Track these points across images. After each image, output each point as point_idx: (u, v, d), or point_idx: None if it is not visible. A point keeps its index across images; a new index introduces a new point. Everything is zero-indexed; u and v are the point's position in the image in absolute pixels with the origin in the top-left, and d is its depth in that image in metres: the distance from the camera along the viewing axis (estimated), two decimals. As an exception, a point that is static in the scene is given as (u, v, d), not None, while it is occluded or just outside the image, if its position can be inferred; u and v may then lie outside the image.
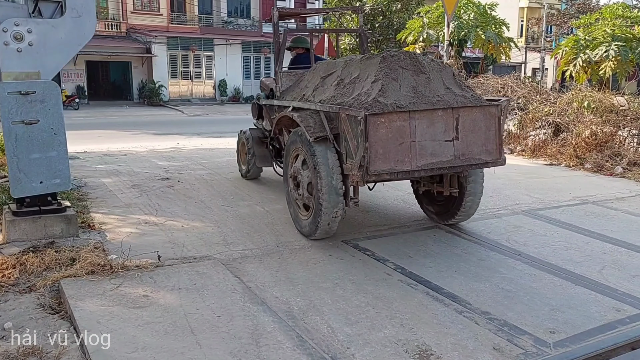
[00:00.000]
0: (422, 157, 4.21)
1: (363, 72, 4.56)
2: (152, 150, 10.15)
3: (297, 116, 4.75)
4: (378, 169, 4.08)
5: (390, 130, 4.08)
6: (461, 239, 5.01)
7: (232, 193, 6.42)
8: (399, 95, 4.23)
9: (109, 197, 5.98)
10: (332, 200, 4.43)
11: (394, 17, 17.05)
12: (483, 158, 4.45)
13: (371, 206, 5.96)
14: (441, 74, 4.53)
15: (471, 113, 4.37)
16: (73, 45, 4.33)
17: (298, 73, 5.98)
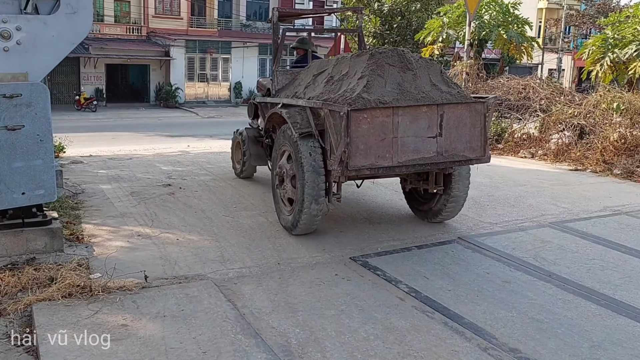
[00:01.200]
0: (404, 153, 4.20)
1: (352, 69, 4.58)
2: (158, 153, 9.83)
3: (285, 113, 4.75)
4: (358, 164, 4.08)
5: (372, 125, 4.07)
6: (482, 256, 4.53)
7: (235, 201, 6.02)
8: (384, 91, 4.22)
9: (104, 206, 5.63)
10: (314, 196, 4.43)
11: (412, 18, 16.51)
12: (467, 155, 4.43)
13: (382, 217, 5.50)
14: (428, 70, 4.51)
15: (456, 110, 4.34)
16: (66, 44, 3.96)
17: (294, 72, 6.00)
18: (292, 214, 4.72)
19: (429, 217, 5.30)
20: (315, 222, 4.64)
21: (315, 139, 4.48)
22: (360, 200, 6.18)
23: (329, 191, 4.61)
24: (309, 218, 4.54)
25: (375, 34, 16.24)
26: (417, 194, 5.44)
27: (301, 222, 4.58)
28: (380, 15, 16.33)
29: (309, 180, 4.42)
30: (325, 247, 4.59)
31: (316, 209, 4.51)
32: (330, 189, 4.63)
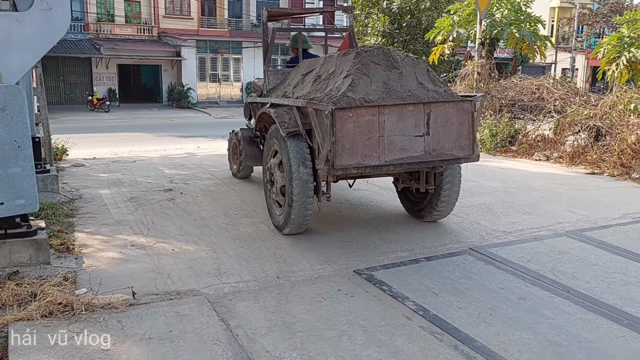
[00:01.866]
0: (391, 152, 4.18)
1: (338, 68, 4.57)
2: (164, 156, 9.65)
3: (274, 112, 4.78)
4: (344, 163, 4.07)
5: (358, 124, 4.05)
6: (496, 270, 4.24)
7: (237, 207, 5.79)
8: (369, 90, 4.21)
9: (100, 212, 5.43)
10: (303, 195, 4.44)
11: (422, 16, 16.16)
12: (455, 154, 4.40)
13: (390, 225, 5.23)
14: (415, 69, 4.50)
15: (443, 108, 4.32)
16: (42, 42, 3.74)
17: (285, 72, 6.02)
18: (283, 213, 4.73)
19: (422, 216, 5.31)
20: (305, 221, 4.64)
21: (303, 138, 4.50)
22: (367, 206, 5.91)
23: (318, 190, 4.62)
24: (298, 217, 4.55)
25: (384, 33, 15.92)
26: (409, 193, 5.47)
27: (291, 221, 4.60)
28: (389, 14, 16.01)
29: (297, 179, 4.43)
30: (328, 258, 4.34)
31: (305, 208, 4.52)
32: (320, 188, 4.64)
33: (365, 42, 16.08)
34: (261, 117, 5.49)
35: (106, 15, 30.62)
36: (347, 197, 6.30)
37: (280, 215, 4.81)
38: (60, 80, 29.54)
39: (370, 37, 16.11)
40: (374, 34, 16.05)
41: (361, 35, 16.63)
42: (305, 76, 5.16)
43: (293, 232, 4.74)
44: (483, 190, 6.80)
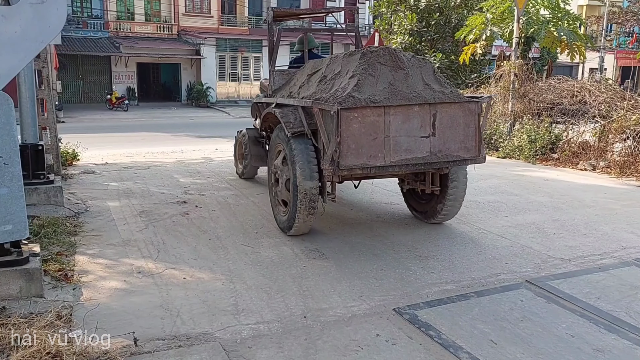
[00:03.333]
0: (397, 152, 4.16)
1: (344, 68, 4.57)
2: (179, 161, 9.16)
3: (279, 112, 4.75)
4: (350, 163, 4.06)
5: (363, 125, 4.04)
6: (561, 309, 3.58)
7: (258, 224, 5.23)
8: (375, 90, 4.20)
9: (107, 230, 4.92)
10: (308, 195, 4.42)
11: (452, 14, 15.41)
12: (461, 155, 4.37)
13: (430, 250, 4.60)
14: (421, 70, 4.48)
15: (449, 109, 4.29)
16: (34, 41, 3.21)
17: (290, 72, 6.03)
18: (287, 214, 4.71)
19: (427, 218, 5.28)
20: (310, 222, 4.63)
21: (308, 138, 4.48)
22: (401, 226, 5.29)
23: (323, 191, 4.61)
24: (303, 218, 4.53)
25: (411, 31, 15.21)
26: (415, 195, 5.43)
27: (296, 222, 4.58)
28: (417, 11, 15.28)
29: (302, 179, 4.40)
30: (362, 291, 3.74)
31: (310, 209, 4.49)
32: (324, 188, 4.63)
33: (392, 41, 15.41)
34: (266, 117, 5.43)
35: (126, 13, 30.45)
36: (380, 213, 5.69)
37: (285, 216, 4.78)
38: (80, 78, 29.47)
39: (397, 35, 15.42)
40: (400, 33, 15.35)
41: (386, 33, 15.96)
42: (310, 76, 5.13)
43: (297, 233, 4.72)
44: (529, 206, 6.12)
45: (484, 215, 5.71)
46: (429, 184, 4.96)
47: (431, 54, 14.66)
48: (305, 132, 4.48)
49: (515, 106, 10.43)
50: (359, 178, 5.21)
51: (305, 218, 4.54)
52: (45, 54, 6.45)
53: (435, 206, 5.12)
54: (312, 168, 4.43)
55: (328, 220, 5.40)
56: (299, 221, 4.56)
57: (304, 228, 4.69)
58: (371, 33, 33.62)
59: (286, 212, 4.76)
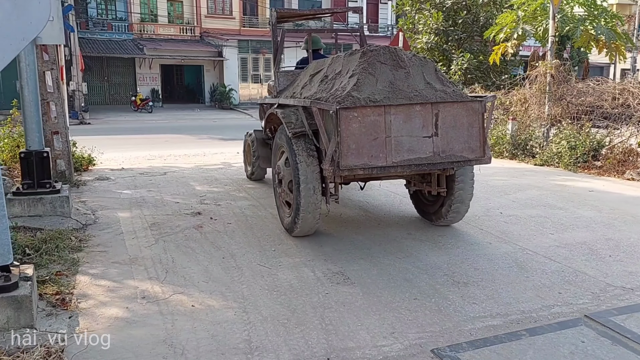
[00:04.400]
0: (399, 153, 4.10)
1: (344, 67, 4.54)
2: (198, 166, 8.80)
3: (281, 113, 4.74)
4: (350, 164, 4.01)
5: (363, 124, 3.99)
6: (632, 355, 3.04)
7: (276, 240, 4.78)
8: (374, 89, 4.16)
9: (114, 245, 4.54)
10: (310, 196, 4.39)
11: (480, 12, 14.77)
12: (465, 155, 4.29)
13: (468, 274, 4.08)
14: (422, 69, 4.43)
15: (452, 109, 4.22)
16: (13, 39, 2.80)
17: (295, 73, 6.06)
18: (291, 215, 4.68)
19: (434, 220, 5.22)
20: (313, 223, 4.61)
21: (310, 138, 4.45)
22: (435, 245, 4.78)
23: (326, 192, 4.56)
24: (306, 218, 4.51)
25: (437, 30, 14.62)
26: (422, 197, 5.39)
27: (299, 224, 4.56)
28: (443, 9, 14.69)
29: (304, 180, 4.38)
30: (395, 326, 3.25)
31: (313, 210, 4.47)
32: (327, 189, 4.58)
33: (416, 41, 14.86)
34: (270, 117, 5.44)
35: (149, 15, 30.51)
36: (411, 229, 5.18)
37: (289, 217, 4.75)
38: (105, 80, 29.63)
39: (421, 35, 14.85)
40: (425, 32, 14.78)
41: (411, 33, 15.41)
42: (313, 77, 5.12)
43: (302, 234, 4.70)
44: (577, 221, 5.54)
45: (527, 232, 5.16)
46: (434, 185, 4.89)
47: (458, 54, 14.07)
48: (306, 132, 4.43)
49: (552, 109, 9.78)
50: (362, 179, 5.14)
51: (308, 219, 4.52)
52: (54, 55, 6.14)
53: (442, 208, 5.04)
54: (313, 169, 4.39)
55: (352, 236, 4.92)
56: (302, 222, 4.54)
57: (308, 229, 4.65)
58: (394, 33, 33.15)
59: (290, 214, 4.73)
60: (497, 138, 10.23)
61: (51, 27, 4.81)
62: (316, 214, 4.52)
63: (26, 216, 4.81)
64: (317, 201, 4.46)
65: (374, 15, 36.68)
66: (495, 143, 10.20)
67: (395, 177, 5.07)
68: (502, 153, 10.08)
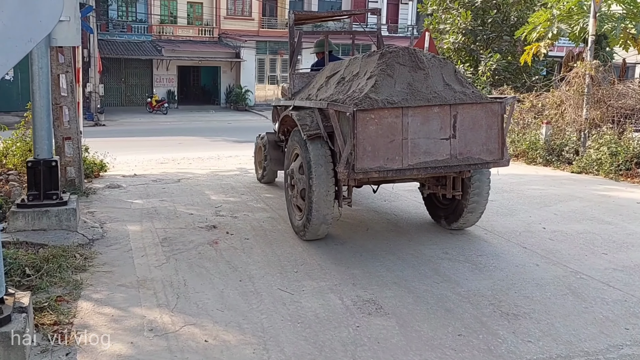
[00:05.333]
0: (416, 155, 4.04)
1: (362, 69, 4.46)
2: (213, 173, 8.42)
3: (295, 115, 4.65)
4: (366, 166, 3.96)
5: (380, 126, 3.93)
6: None
7: (297, 259, 4.34)
8: (393, 91, 4.10)
9: (121, 264, 4.15)
10: (323, 199, 4.32)
11: (510, 11, 14.15)
12: (483, 158, 4.23)
13: (519, 302, 3.58)
14: (441, 70, 4.36)
15: (471, 110, 4.15)
16: (20, 40, 2.44)
17: (310, 75, 5.99)
18: (303, 217, 4.61)
19: (448, 223, 5.11)
20: (325, 226, 4.53)
21: (325, 141, 4.37)
22: (475, 267, 4.29)
23: (339, 195, 4.48)
24: (318, 222, 4.44)
25: (465, 30, 14.05)
26: (436, 200, 5.29)
27: (311, 226, 4.49)
28: (472, 8, 14.12)
29: (317, 183, 4.30)
30: (438, 371, 2.79)
31: (325, 213, 4.40)
32: (341, 192, 4.50)
33: (443, 41, 14.32)
34: (284, 120, 5.33)
35: (169, 17, 30.43)
36: (446, 247, 4.70)
37: (300, 220, 4.67)
38: (122, 82, 29.60)
39: (448, 35, 14.30)
40: (453, 32, 14.22)
41: (437, 33, 14.86)
42: (329, 78, 5.05)
43: (313, 237, 4.64)
44: (630, 239, 5.00)
45: (577, 252, 4.64)
46: (449, 188, 4.79)
47: (487, 55, 13.48)
48: (321, 134, 4.33)
49: (591, 113, 9.18)
50: (376, 182, 5.04)
51: (320, 223, 4.44)
52: (69, 57, 5.81)
53: (456, 211, 4.94)
54: (327, 171, 4.31)
55: (382, 256, 4.47)
56: (314, 226, 4.46)
57: (320, 232, 4.58)
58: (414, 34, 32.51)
59: (301, 217, 4.65)
60: (530, 143, 9.66)
61: (68, 28, 4.48)
62: (328, 218, 4.44)
63: (30, 230, 4.46)
64: (330, 205, 4.37)
65: (394, 15, 36.14)
66: (528, 148, 9.63)
67: (410, 180, 4.99)
68: (535, 159, 9.51)
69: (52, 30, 4.37)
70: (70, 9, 4.35)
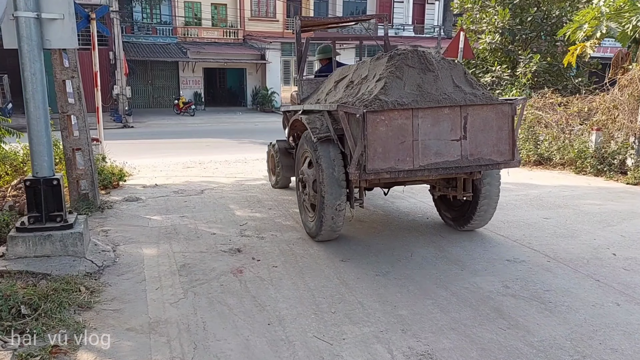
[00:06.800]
0: (426, 156, 4.07)
1: (371, 72, 4.50)
2: (238, 182, 7.91)
3: (306, 119, 4.73)
4: (377, 167, 3.99)
5: (390, 128, 3.97)
6: None
7: (335, 294, 3.74)
8: (402, 93, 4.12)
9: (132, 299, 3.61)
10: (335, 201, 4.37)
11: (552, 9, 13.29)
12: (494, 159, 4.25)
13: (607, 358, 2.92)
14: (451, 72, 4.37)
15: (481, 111, 4.17)
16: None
17: (318, 81, 6.05)
18: (315, 220, 4.68)
19: (458, 225, 5.16)
20: (337, 228, 4.60)
21: (335, 143, 4.43)
22: (542, 305, 3.62)
23: (350, 197, 4.54)
24: (330, 224, 4.51)
25: (503, 29, 13.26)
26: (446, 202, 5.33)
27: (323, 229, 4.56)
28: (510, 6, 13.31)
29: (328, 185, 4.36)
30: None
31: (337, 215, 4.46)
32: (352, 194, 4.56)
33: (479, 41, 13.54)
34: (294, 124, 5.42)
35: (193, 19, 30.26)
36: (506, 280, 4.04)
37: (312, 222, 4.76)
38: (149, 84, 29.53)
39: (484, 34, 13.52)
40: (489, 31, 13.44)
41: (472, 33, 14.09)
42: (338, 83, 5.13)
43: (325, 239, 4.73)
44: None
45: (663, 288, 3.92)
46: (460, 189, 4.80)
47: (526, 55, 12.66)
48: (331, 137, 4.40)
49: (648, 119, 8.35)
50: (387, 184, 5.08)
51: (332, 224, 4.51)
52: (74, 61, 5.33)
53: (467, 213, 4.98)
54: (339, 174, 4.35)
55: (431, 290, 3.84)
56: (326, 228, 4.54)
57: (332, 234, 4.67)
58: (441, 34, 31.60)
59: (314, 218, 4.72)
60: (578, 151, 8.86)
61: (62, 28, 3.99)
62: (340, 220, 4.50)
63: (32, 257, 3.97)
64: (342, 206, 4.42)
65: (419, 15, 35.32)
66: (576, 157, 8.83)
67: (421, 181, 5.02)
68: (584, 168, 8.71)
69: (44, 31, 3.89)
70: (63, 5, 3.84)
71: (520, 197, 6.86)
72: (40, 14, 3.91)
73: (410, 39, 32.93)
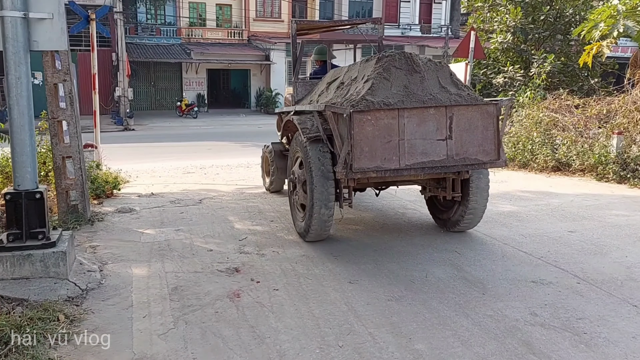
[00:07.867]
0: (412, 155, 4.14)
1: (360, 73, 4.61)
2: (238, 190, 7.54)
3: (297, 119, 4.81)
4: (363, 166, 4.05)
5: (377, 128, 4.04)
6: None
7: (342, 323, 3.34)
8: (389, 93, 4.21)
9: (116, 330, 3.22)
10: (323, 200, 4.44)
11: (566, 7, 12.83)
12: (480, 158, 4.32)
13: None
14: (437, 73, 4.46)
15: (466, 112, 4.25)
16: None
17: (313, 82, 6.15)
18: (304, 219, 4.73)
19: (448, 226, 5.20)
20: (326, 227, 4.63)
21: (325, 143, 4.49)
22: (581, 337, 3.21)
23: (340, 197, 4.59)
24: (319, 223, 4.55)
25: (515, 28, 12.81)
26: (437, 202, 5.38)
27: (312, 228, 4.61)
28: (522, 4, 12.87)
29: (317, 184, 4.41)
30: None
31: (326, 214, 4.50)
32: (341, 194, 4.61)
33: (490, 40, 13.11)
34: (286, 125, 5.51)
35: (198, 19, 29.96)
36: (533, 307, 3.62)
37: (302, 221, 4.81)
38: (151, 85, 29.24)
39: (496, 34, 13.08)
40: (501, 31, 13.00)
41: (482, 32, 13.65)
42: (330, 84, 5.21)
43: (315, 239, 4.76)
44: None
45: None
46: (449, 190, 4.84)
47: (540, 55, 12.20)
48: (321, 137, 4.47)
49: (673, 122, 7.90)
50: (376, 183, 5.11)
51: (321, 224, 4.55)
52: (66, 64, 4.97)
53: (456, 214, 5.03)
54: (327, 174, 4.42)
55: (450, 317, 3.43)
56: (315, 227, 4.58)
57: (321, 234, 4.71)
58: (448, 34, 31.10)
59: (304, 218, 4.78)
60: (599, 156, 8.42)
61: (50, 28, 3.62)
62: (329, 219, 4.55)
63: (9, 279, 3.60)
64: (330, 205, 4.47)
65: (426, 15, 34.86)
66: (597, 162, 8.39)
67: (410, 182, 5.07)
68: (606, 175, 8.26)
69: (31, 31, 3.53)
70: (53, 3, 3.47)
71: (540, 207, 6.43)
72: (28, 13, 3.56)
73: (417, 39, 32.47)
